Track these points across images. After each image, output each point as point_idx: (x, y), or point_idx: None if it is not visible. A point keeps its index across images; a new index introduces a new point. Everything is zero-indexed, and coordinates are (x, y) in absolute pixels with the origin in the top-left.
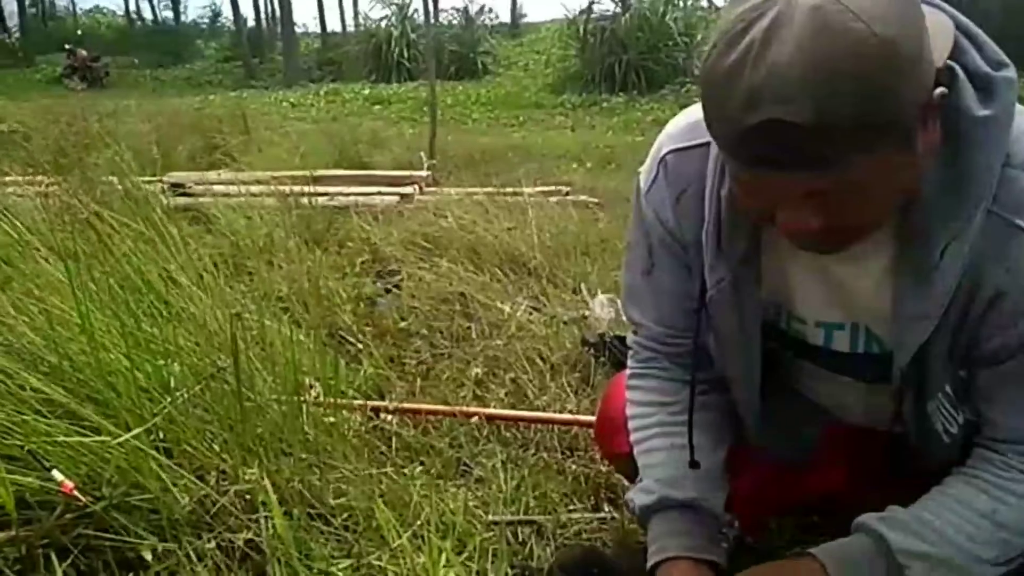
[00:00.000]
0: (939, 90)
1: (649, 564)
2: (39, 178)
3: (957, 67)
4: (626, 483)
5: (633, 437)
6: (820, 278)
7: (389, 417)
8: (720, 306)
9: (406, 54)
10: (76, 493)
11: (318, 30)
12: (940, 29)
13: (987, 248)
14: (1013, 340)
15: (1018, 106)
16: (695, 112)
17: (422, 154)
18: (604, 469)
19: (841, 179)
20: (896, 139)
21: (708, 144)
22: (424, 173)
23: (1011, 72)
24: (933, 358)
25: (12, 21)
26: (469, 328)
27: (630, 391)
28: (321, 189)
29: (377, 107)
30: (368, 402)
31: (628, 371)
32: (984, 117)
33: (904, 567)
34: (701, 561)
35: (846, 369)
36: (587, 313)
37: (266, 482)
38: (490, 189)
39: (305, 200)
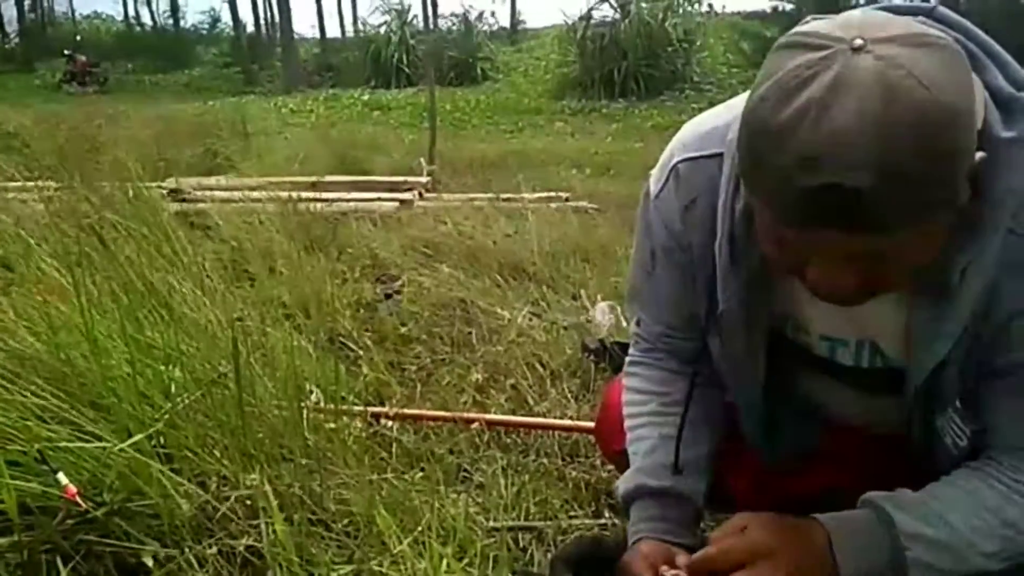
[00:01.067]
0: (980, 154)
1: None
2: (40, 183)
3: (981, 87)
4: None
5: (626, 424)
6: None
7: (389, 423)
8: (730, 320)
9: (405, 60)
10: (78, 498)
11: (317, 36)
12: (976, 88)
13: (1006, 266)
14: None
15: None
16: (708, 120)
17: (421, 160)
18: (605, 475)
19: (890, 243)
20: (948, 203)
21: (721, 155)
22: (424, 179)
23: None
24: (946, 375)
25: (11, 27)
26: (469, 334)
27: (627, 378)
28: (321, 195)
29: (376, 113)
30: (368, 408)
31: (628, 359)
32: (1008, 139)
33: (905, 548)
34: (670, 543)
35: (849, 380)
36: (587, 319)
37: (267, 488)
38: (490, 195)
39: (305, 206)
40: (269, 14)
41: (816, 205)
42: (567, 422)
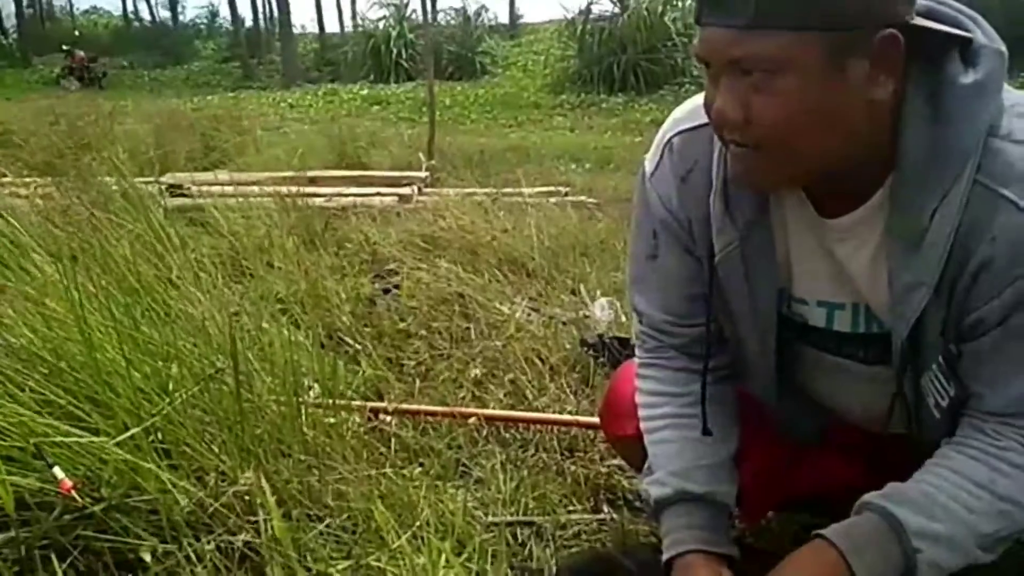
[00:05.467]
0: (888, 30)
1: (665, 557)
2: (36, 179)
3: (950, 31)
4: (626, 484)
5: (643, 426)
6: (820, 257)
7: (388, 418)
8: (730, 273)
9: (404, 55)
10: (74, 493)
11: (316, 31)
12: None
13: (974, 219)
14: (996, 311)
15: (1013, 90)
16: (698, 97)
17: (421, 154)
18: (604, 470)
19: (762, 47)
20: (827, 39)
21: None
22: (423, 174)
23: (1001, 46)
24: (928, 334)
25: (9, 22)
26: (468, 329)
27: (639, 380)
28: (319, 190)
29: (375, 107)
30: (367, 403)
31: (636, 361)
32: (969, 84)
33: (917, 551)
34: (715, 554)
35: (846, 350)
36: (586, 314)
37: (265, 483)
38: (489, 190)
39: (303, 201)
40: (268, 9)
41: None
42: (566, 417)
